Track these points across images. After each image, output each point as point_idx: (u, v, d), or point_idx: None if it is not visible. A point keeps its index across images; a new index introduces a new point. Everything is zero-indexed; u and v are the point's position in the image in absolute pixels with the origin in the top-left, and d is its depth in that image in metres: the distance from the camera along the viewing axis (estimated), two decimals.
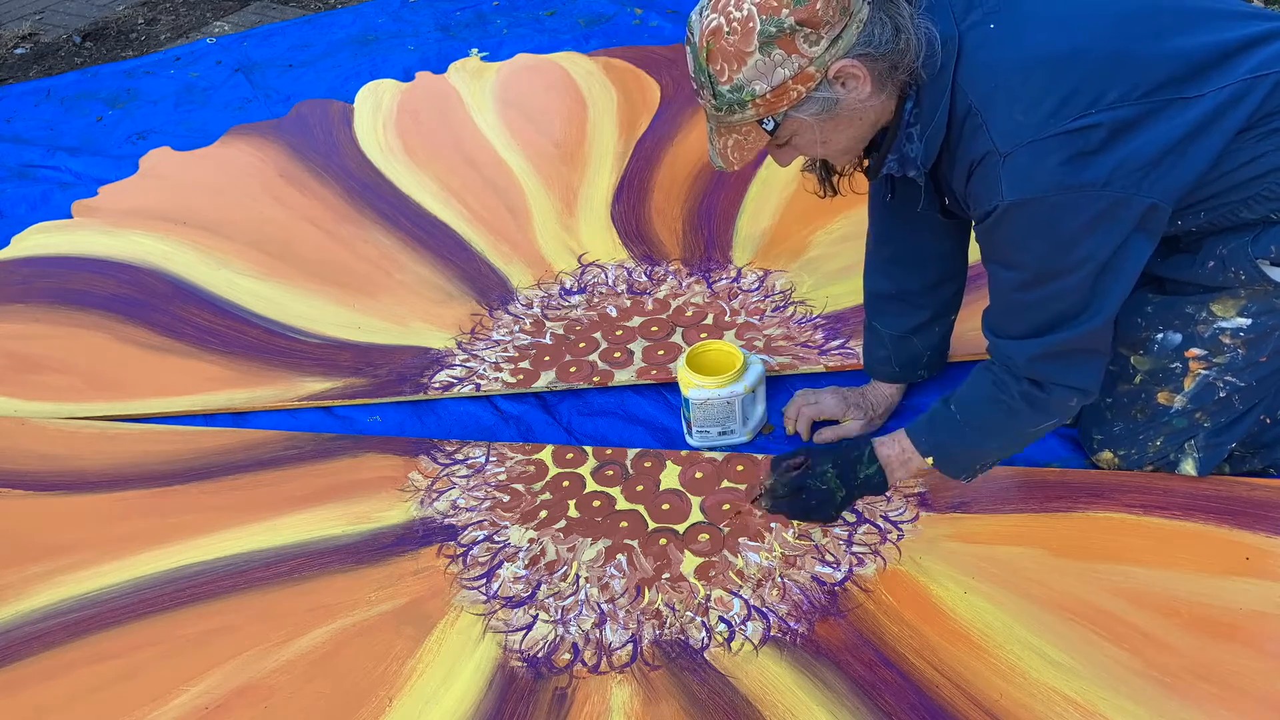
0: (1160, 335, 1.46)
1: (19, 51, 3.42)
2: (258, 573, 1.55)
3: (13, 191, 2.56)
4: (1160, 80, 1.21)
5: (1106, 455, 1.59)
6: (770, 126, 1.23)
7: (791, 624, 1.43)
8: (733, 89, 1.19)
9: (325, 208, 2.40)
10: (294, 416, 1.87)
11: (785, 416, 1.76)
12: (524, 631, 1.45)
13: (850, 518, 1.57)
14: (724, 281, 2.09)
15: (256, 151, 2.63)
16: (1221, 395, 1.47)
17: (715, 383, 1.64)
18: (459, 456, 1.74)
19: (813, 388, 1.78)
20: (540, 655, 1.42)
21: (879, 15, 1.18)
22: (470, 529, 1.61)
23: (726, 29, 1.16)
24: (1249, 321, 1.40)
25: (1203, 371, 1.45)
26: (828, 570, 1.50)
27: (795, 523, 1.57)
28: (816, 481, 1.49)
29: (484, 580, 1.53)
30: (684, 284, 2.10)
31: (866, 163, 1.39)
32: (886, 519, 1.57)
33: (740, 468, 1.68)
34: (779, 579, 1.50)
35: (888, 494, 1.58)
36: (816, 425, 1.74)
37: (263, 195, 2.45)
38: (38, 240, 2.36)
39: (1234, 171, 1.28)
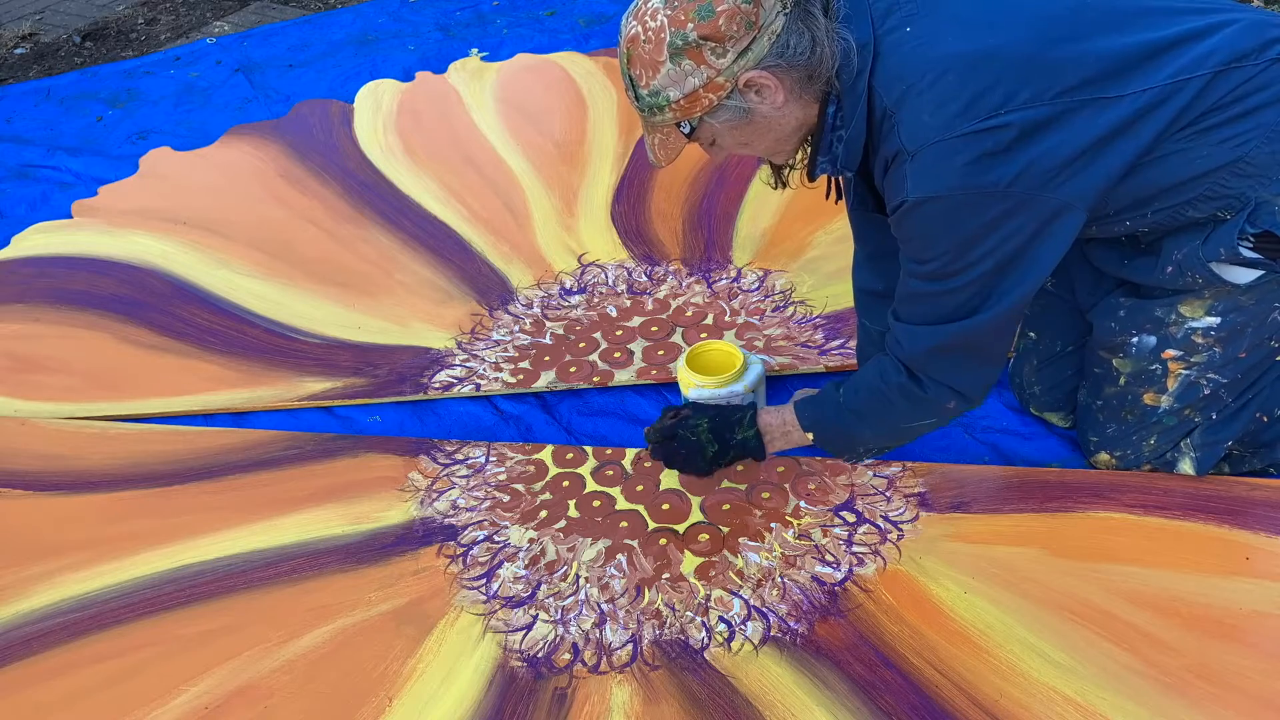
0: (1136, 338, 1.47)
1: (19, 51, 3.42)
2: (258, 573, 1.55)
3: (13, 191, 2.56)
4: (1077, 81, 1.22)
5: (1103, 457, 1.60)
6: (687, 130, 1.29)
7: (791, 624, 1.43)
8: (650, 93, 1.25)
9: (325, 208, 2.40)
10: (294, 416, 1.87)
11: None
12: (524, 631, 1.45)
13: (850, 517, 1.58)
14: (724, 281, 2.09)
15: (256, 151, 2.63)
16: (1206, 392, 1.47)
17: (715, 382, 1.64)
18: (459, 456, 1.74)
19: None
20: (540, 655, 1.42)
21: (795, 26, 1.22)
22: (470, 529, 1.61)
23: (643, 37, 1.22)
24: (1218, 320, 1.41)
25: (1183, 371, 1.46)
26: (828, 570, 1.50)
27: (796, 522, 1.57)
28: (687, 432, 1.51)
29: (484, 580, 1.53)
30: (684, 284, 2.10)
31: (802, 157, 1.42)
32: (886, 519, 1.57)
33: (740, 467, 1.68)
34: (779, 579, 1.50)
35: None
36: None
37: (263, 195, 2.46)
38: (38, 240, 2.36)
39: (1171, 171, 1.28)
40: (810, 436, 1.50)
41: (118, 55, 3.38)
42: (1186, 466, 1.55)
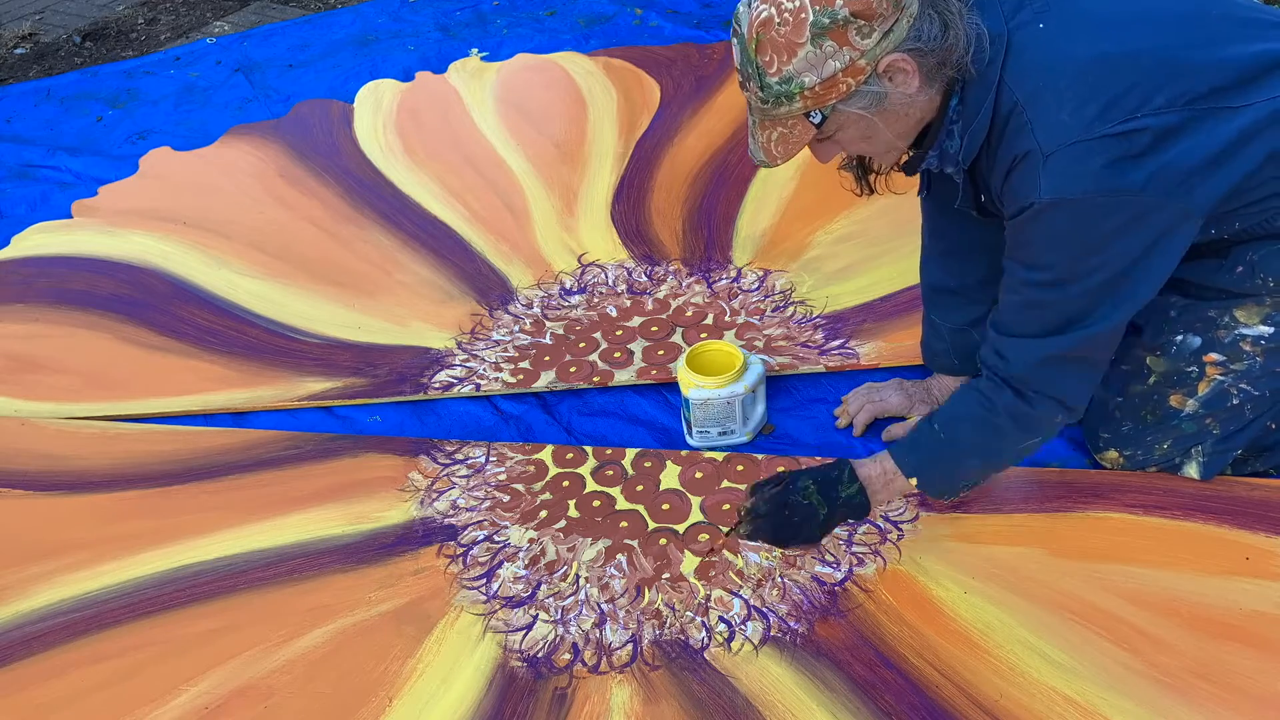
0: (1180, 338, 1.46)
1: (19, 51, 3.42)
2: (258, 573, 1.55)
3: (13, 191, 2.56)
4: (1207, 88, 1.20)
5: (1112, 454, 1.59)
6: (818, 120, 1.22)
7: (791, 624, 1.43)
8: (781, 80, 1.18)
9: (325, 208, 2.40)
10: (294, 416, 1.87)
11: (844, 409, 1.75)
12: (524, 631, 1.45)
13: None
14: (724, 281, 2.09)
15: (256, 151, 2.63)
16: (1234, 403, 1.46)
17: (715, 383, 1.64)
18: (459, 456, 1.74)
19: (876, 382, 1.76)
20: (540, 655, 1.42)
21: (928, 11, 1.18)
22: (470, 529, 1.61)
23: (778, 20, 1.16)
24: (1271, 330, 1.39)
25: (1219, 377, 1.45)
26: (828, 570, 1.50)
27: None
28: (799, 497, 1.39)
29: (484, 580, 1.53)
30: (684, 284, 2.10)
31: (904, 157, 1.38)
32: (886, 519, 1.57)
33: (740, 468, 1.68)
34: (779, 579, 1.50)
35: (870, 519, 1.53)
36: (878, 423, 1.73)
37: (263, 195, 2.45)
38: (38, 240, 2.36)
39: (1269, 182, 1.28)
40: (914, 482, 1.40)
41: (118, 55, 3.38)
42: (1192, 470, 1.55)
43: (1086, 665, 1.34)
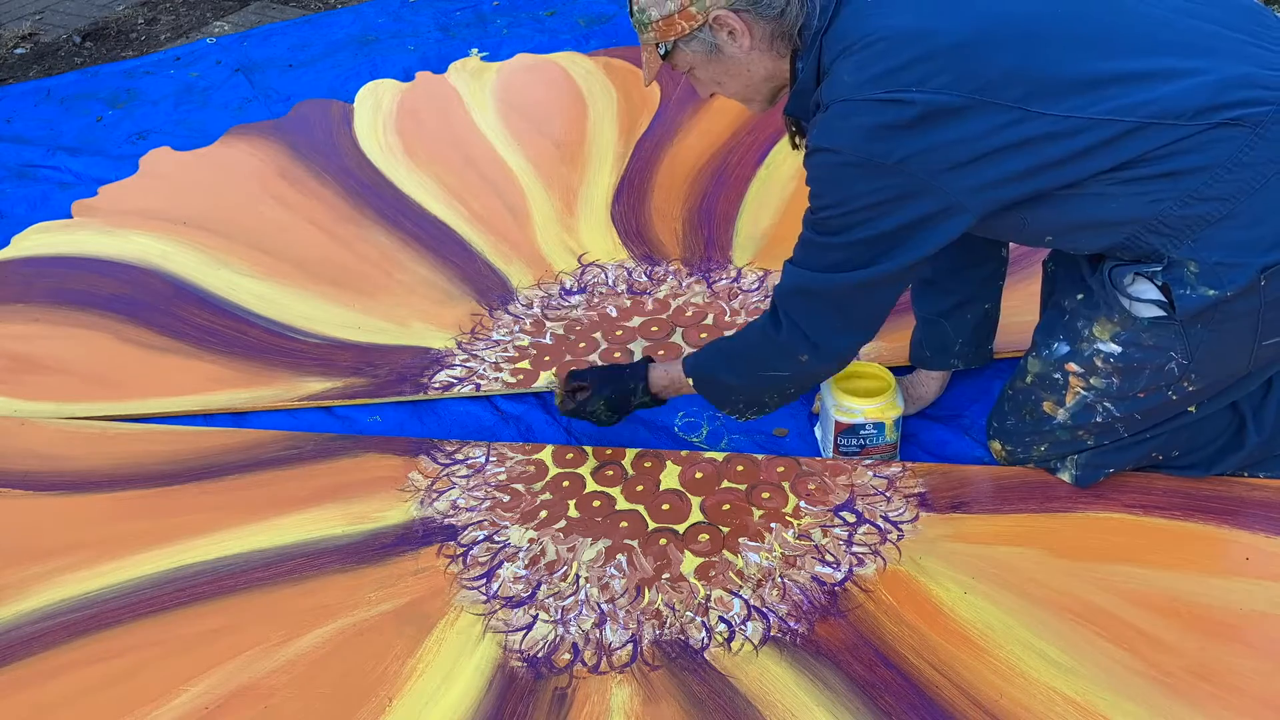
0: (1054, 343, 1.48)
1: (19, 51, 3.42)
2: (258, 573, 1.55)
3: (13, 191, 2.56)
4: (1002, 82, 1.22)
5: (996, 445, 1.62)
6: (663, 52, 1.40)
7: (791, 624, 1.43)
8: (640, 10, 1.37)
9: (325, 208, 2.40)
10: (294, 416, 1.87)
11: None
12: (524, 631, 1.45)
13: (850, 517, 1.58)
14: (724, 281, 2.09)
15: (256, 151, 2.63)
16: (1100, 420, 1.47)
17: (874, 407, 1.62)
18: (459, 456, 1.74)
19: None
20: (540, 655, 1.42)
21: None
22: (470, 529, 1.61)
23: None
24: (1119, 349, 1.40)
25: (1081, 391, 1.46)
26: (828, 570, 1.50)
27: (796, 522, 1.58)
28: (591, 409, 1.65)
29: (484, 580, 1.53)
30: (684, 284, 2.10)
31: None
32: (886, 519, 1.57)
33: (740, 468, 1.68)
34: (779, 579, 1.50)
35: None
36: None
37: (263, 195, 2.45)
38: (38, 240, 2.36)
39: (1090, 211, 1.30)
40: (691, 382, 1.58)
41: (118, 55, 3.38)
42: (1065, 477, 1.57)
43: (1086, 665, 1.34)
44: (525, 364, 1.93)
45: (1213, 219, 1.26)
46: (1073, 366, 1.45)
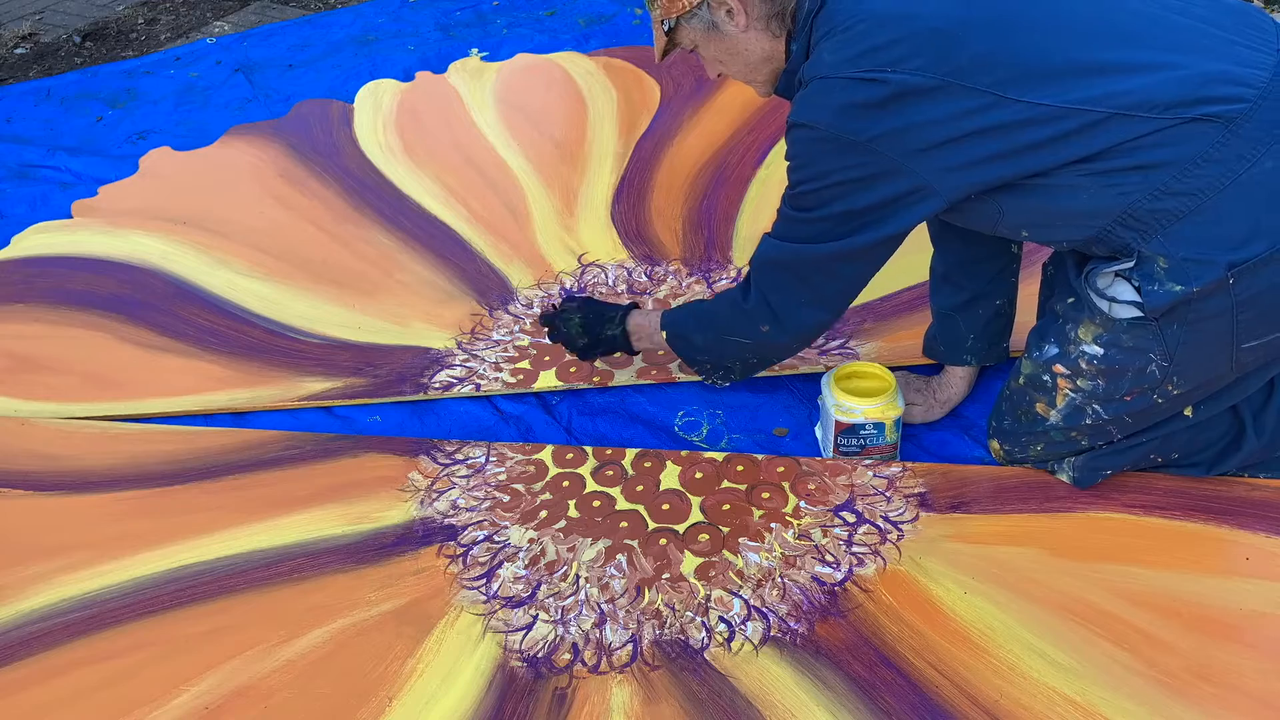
0: (1045, 345, 1.48)
1: (19, 51, 3.42)
2: (258, 573, 1.55)
3: (13, 191, 2.56)
4: (977, 67, 1.24)
5: (995, 445, 1.63)
6: (666, 28, 1.45)
7: (791, 624, 1.43)
8: None
9: (325, 208, 2.40)
10: (294, 416, 1.87)
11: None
12: (524, 631, 1.45)
13: (850, 518, 1.58)
14: (724, 281, 2.09)
15: (256, 151, 2.63)
16: (1090, 421, 1.47)
17: (874, 407, 1.62)
18: (459, 456, 1.74)
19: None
20: (540, 655, 1.42)
21: None
22: (470, 529, 1.61)
23: None
24: (1101, 351, 1.40)
25: (1070, 393, 1.46)
26: (828, 570, 1.50)
27: (796, 522, 1.57)
28: (561, 324, 1.75)
29: (484, 580, 1.53)
30: (684, 284, 2.10)
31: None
32: (886, 519, 1.57)
33: (740, 468, 1.68)
34: (779, 579, 1.50)
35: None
36: None
37: (263, 195, 2.45)
38: (38, 240, 2.36)
39: (1062, 203, 1.30)
40: (664, 336, 1.65)
41: (118, 55, 3.38)
42: (1063, 478, 1.57)
43: (1086, 665, 1.34)
44: (525, 364, 1.93)
45: (1181, 214, 1.26)
46: (1060, 368, 1.46)
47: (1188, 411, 1.46)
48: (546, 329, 1.80)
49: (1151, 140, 1.23)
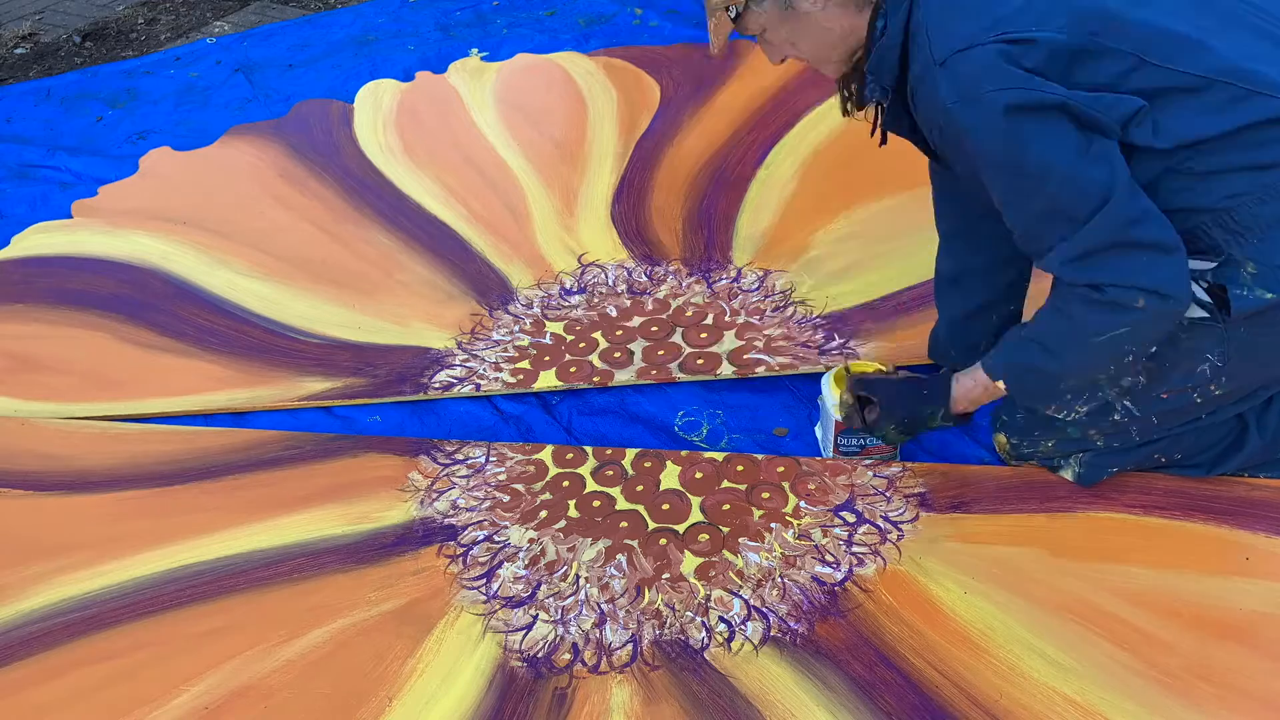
0: None
1: (19, 51, 3.42)
2: (258, 573, 1.55)
3: (13, 191, 2.56)
4: (1113, 31, 1.21)
5: (1001, 439, 1.60)
6: (734, 14, 1.35)
7: (791, 624, 1.43)
8: None
9: (325, 208, 2.40)
10: (294, 416, 1.87)
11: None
12: (524, 631, 1.45)
13: (850, 517, 1.58)
14: (724, 281, 2.09)
15: (256, 151, 2.63)
16: (1116, 418, 1.46)
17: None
18: (459, 456, 1.74)
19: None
20: (540, 655, 1.42)
21: None
22: (470, 529, 1.61)
23: None
24: (1153, 348, 1.38)
25: (1105, 389, 1.44)
26: (828, 570, 1.50)
27: (796, 522, 1.57)
28: (880, 433, 1.57)
29: (484, 580, 1.53)
30: (684, 284, 2.10)
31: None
32: (886, 519, 1.57)
33: (740, 468, 1.68)
34: (779, 579, 1.50)
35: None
36: None
37: (263, 195, 2.45)
38: (38, 240, 2.36)
39: (1166, 196, 1.27)
40: (1001, 384, 1.43)
41: (118, 55, 3.38)
42: (1066, 474, 1.56)
43: (1086, 665, 1.34)
44: (525, 364, 1.93)
45: None
46: None
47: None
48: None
49: (1276, 132, 1.21)
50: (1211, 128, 1.22)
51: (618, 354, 1.94)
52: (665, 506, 1.62)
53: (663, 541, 1.57)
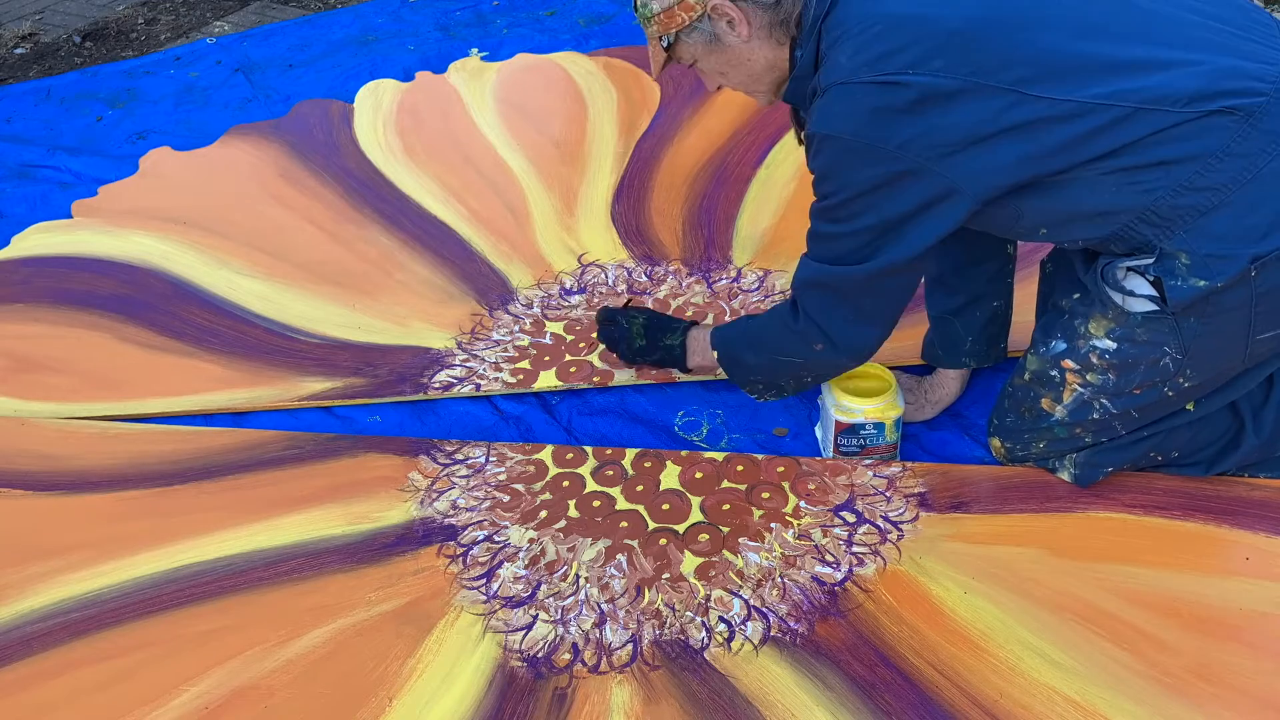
0: (1052, 340, 1.48)
1: (19, 51, 3.42)
2: (258, 573, 1.55)
3: (13, 191, 2.56)
4: (998, 66, 1.23)
5: (996, 443, 1.62)
6: (665, 44, 1.45)
7: (791, 624, 1.43)
8: (642, 4, 1.44)
9: (325, 208, 2.40)
10: (294, 416, 1.87)
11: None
12: (524, 631, 1.45)
13: (850, 517, 1.58)
14: (724, 281, 2.09)
15: (256, 151, 2.63)
16: (1097, 416, 1.47)
17: (874, 407, 1.62)
18: (459, 456, 1.74)
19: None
20: (540, 655, 1.42)
21: None
22: (470, 529, 1.61)
23: None
24: (1114, 345, 1.40)
25: (1078, 387, 1.46)
26: (828, 570, 1.50)
27: (796, 522, 1.57)
28: (624, 320, 1.78)
29: (484, 580, 1.53)
30: (684, 284, 2.10)
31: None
32: (886, 519, 1.57)
33: (740, 468, 1.68)
34: (779, 579, 1.50)
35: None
36: None
37: (263, 195, 2.45)
38: (38, 240, 2.36)
39: (1082, 201, 1.30)
40: (716, 355, 1.64)
41: (118, 55, 3.38)
42: (1064, 476, 1.57)
43: (1086, 665, 1.34)
44: (525, 364, 1.93)
45: (1204, 209, 1.26)
46: (1069, 363, 1.45)
47: (1189, 405, 1.46)
48: (601, 322, 1.81)
49: (1174, 134, 1.23)
50: (1104, 145, 1.25)
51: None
52: (665, 506, 1.62)
53: (663, 541, 1.57)
